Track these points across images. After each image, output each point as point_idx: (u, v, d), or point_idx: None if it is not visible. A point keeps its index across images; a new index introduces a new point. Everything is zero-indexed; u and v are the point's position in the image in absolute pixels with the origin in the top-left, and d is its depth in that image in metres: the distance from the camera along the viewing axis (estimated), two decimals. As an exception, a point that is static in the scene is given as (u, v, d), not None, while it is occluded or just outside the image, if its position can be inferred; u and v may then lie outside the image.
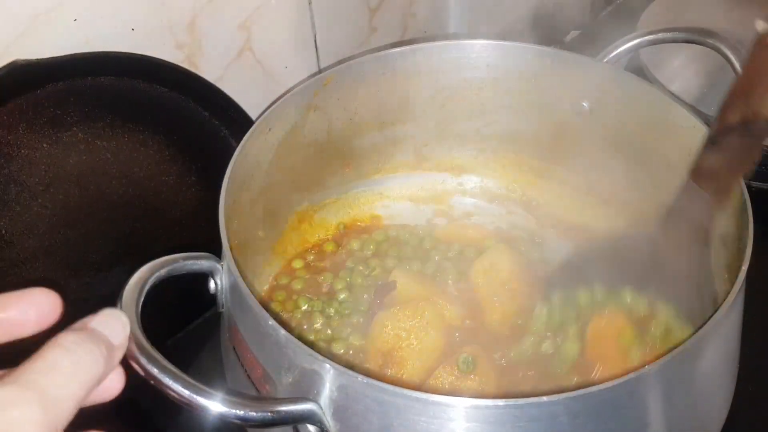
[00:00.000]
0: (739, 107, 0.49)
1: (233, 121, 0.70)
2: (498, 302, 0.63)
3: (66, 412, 0.30)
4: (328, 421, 0.43)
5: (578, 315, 0.59)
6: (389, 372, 0.58)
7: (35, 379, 0.30)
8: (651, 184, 0.66)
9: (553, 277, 0.63)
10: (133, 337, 0.41)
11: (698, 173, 0.53)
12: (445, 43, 0.69)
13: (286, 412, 0.42)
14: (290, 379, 0.45)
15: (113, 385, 0.36)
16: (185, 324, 0.68)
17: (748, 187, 0.53)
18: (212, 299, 0.52)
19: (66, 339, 0.32)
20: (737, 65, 0.62)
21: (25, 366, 0.30)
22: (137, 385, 0.38)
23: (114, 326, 0.35)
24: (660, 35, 0.67)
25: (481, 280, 0.64)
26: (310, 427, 0.43)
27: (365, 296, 0.65)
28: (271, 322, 0.45)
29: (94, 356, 0.32)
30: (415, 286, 0.64)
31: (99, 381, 0.33)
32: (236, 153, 0.57)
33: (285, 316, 0.65)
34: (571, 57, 0.66)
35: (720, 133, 0.50)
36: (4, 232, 0.59)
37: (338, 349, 0.62)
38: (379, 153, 0.74)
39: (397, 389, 0.41)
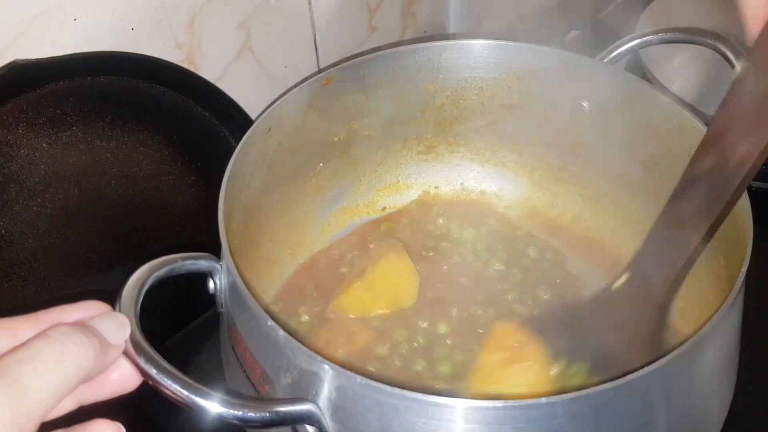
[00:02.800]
0: (711, 154, 0.49)
1: (233, 121, 0.70)
2: None
3: (40, 403, 0.29)
4: (327, 421, 0.43)
5: None
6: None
7: (10, 366, 0.29)
8: (649, 185, 0.65)
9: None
10: (131, 337, 0.41)
11: (667, 221, 0.52)
12: (445, 43, 0.68)
13: (284, 412, 0.42)
14: (289, 380, 0.45)
15: (125, 379, 0.37)
16: (184, 324, 0.68)
17: (748, 188, 0.53)
18: (211, 299, 0.52)
19: (54, 330, 0.32)
20: (737, 65, 0.62)
21: (6, 354, 0.30)
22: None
23: (111, 324, 0.35)
24: (660, 35, 0.67)
25: None
26: (309, 428, 0.43)
27: None
28: (270, 322, 0.45)
29: (83, 349, 0.32)
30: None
31: (87, 376, 0.32)
32: (236, 153, 0.57)
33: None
34: (571, 57, 0.66)
35: (687, 183, 0.50)
36: (4, 232, 0.59)
37: None
38: (378, 153, 0.73)
39: (396, 390, 0.41)
